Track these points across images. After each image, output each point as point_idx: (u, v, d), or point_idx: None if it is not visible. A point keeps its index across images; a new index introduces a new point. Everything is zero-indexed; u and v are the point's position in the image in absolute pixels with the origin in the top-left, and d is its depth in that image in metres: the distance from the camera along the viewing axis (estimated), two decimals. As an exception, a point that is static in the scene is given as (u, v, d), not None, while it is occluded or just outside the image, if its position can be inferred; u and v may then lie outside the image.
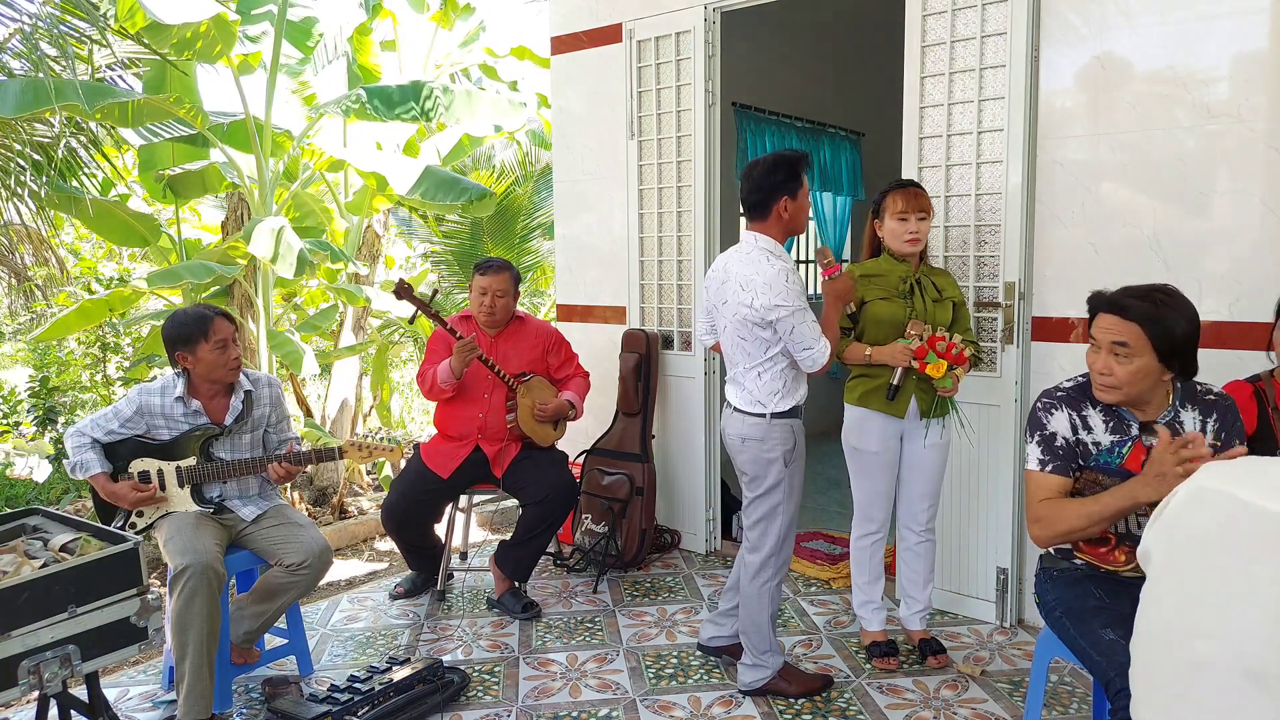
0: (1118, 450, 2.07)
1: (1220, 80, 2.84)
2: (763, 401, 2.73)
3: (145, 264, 7.95)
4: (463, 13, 6.64)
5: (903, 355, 2.82)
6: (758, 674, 2.87)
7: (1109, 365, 2.01)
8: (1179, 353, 1.98)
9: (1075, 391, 2.14)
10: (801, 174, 2.70)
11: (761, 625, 2.84)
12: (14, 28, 3.60)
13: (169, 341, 2.86)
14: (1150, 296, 1.98)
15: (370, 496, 5.30)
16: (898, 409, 2.92)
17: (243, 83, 4.94)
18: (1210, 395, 2.10)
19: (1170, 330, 1.95)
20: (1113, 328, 2.00)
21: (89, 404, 6.70)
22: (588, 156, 4.59)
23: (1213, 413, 2.08)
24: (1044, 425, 2.13)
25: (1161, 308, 1.96)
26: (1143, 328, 1.96)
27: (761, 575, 2.81)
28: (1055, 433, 2.11)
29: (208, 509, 2.87)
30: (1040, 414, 2.15)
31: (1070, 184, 3.13)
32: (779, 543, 2.79)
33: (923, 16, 3.36)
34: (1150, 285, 2.02)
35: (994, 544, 3.35)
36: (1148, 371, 1.99)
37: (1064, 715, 2.76)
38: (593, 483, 4.20)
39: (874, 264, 2.97)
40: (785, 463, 2.74)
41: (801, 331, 2.61)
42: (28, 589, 2.07)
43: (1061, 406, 2.13)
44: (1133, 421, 2.07)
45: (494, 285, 3.58)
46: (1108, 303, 2.03)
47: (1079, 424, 2.11)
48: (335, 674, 3.11)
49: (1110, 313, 2.01)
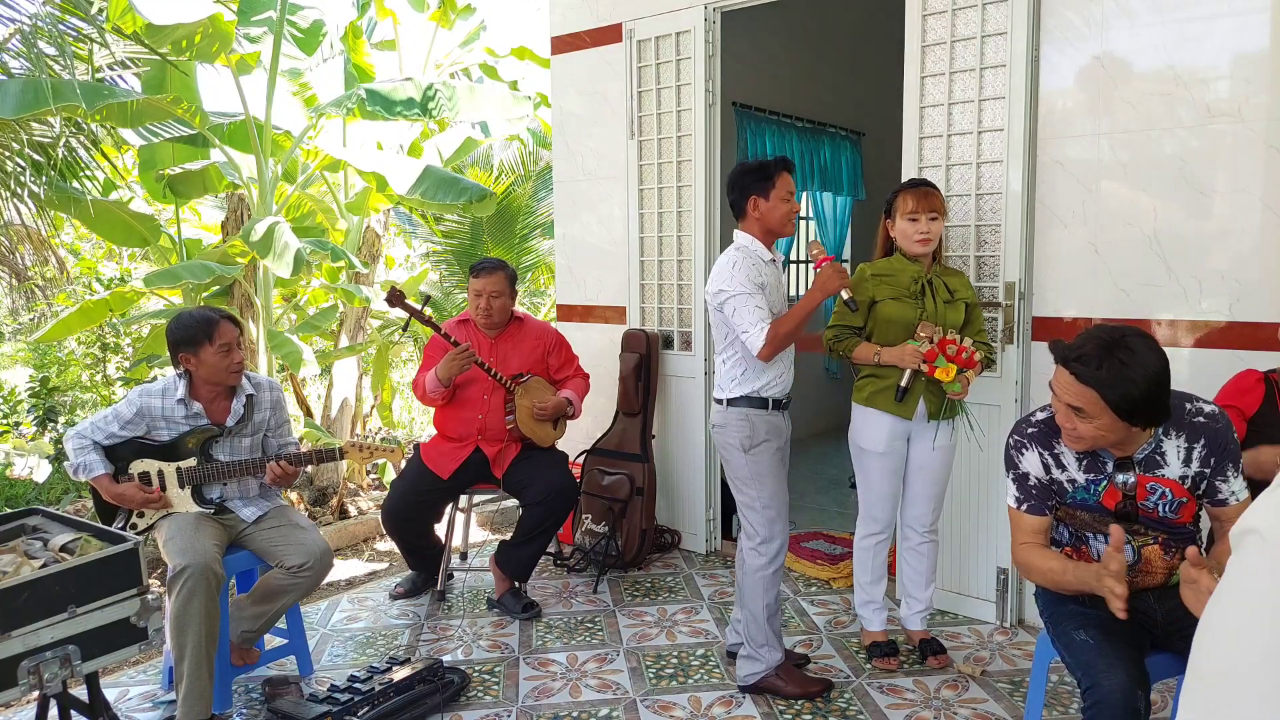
0: (1093, 488, 2.03)
1: (1221, 80, 2.84)
2: (724, 387, 2.85)
3: (145, 264, 7.95)
4: (463, 13, 6.63)
5: (912, 357, 2.80)
6: (753, 667, 2.88)
7: (1071, 421, 1.90)
8: (1140, 411, 1.84)
9: (1046, 426, 2.06)
10: (776, 175, 2.78)
11: (757, 614, 2.85)
12: (14, 27, 3.60)
13: (173, 342, 2.86)
14: (1109, 356, 1.81)
15: (370, 497, 5.30)
16: (906, 410, 2.90)
17: (243, 83, 4.94)
18: (1200, 418, 1.97)
19: (1127, 395, 1.81)
20: (1068, 389, 1.87)
21: (89, 404, 6.70)
22: (588, 156, 4.59)
23: (1200, 437, 1.96)
24: (1016, 465, 2.09)
25: (1117, 369, 1.80)
26: (1098, 393, 1.82)
27: (753, 562, 2.85)
28: (1027, 473, 2.07)
29: (208, 510, 2.87)
30: (1012, 452, 2.10)
31: (1071, 184, 3.13)
32: (766, 529, 2.82)
33: (923, 16, 3.36)
34: (1110, 338, 1.84)
35: (994, 544, 3.35)
36: (1112, 428, 1.87)
37: (1064, 715, 2.76)
38: (593, 483, 4.20)
39: (886, 264, 2.95)
40: (744, 450, 2.79)
41: (740, 315, 2.71)
42: (28, 589, 2.07)
43: (1032, 445, 2.06)
44: (1109, 459, 2.01)
45: (489, 287, 3.58)
46: (1062, 359, 1.89)
47: (1051, 463, 2.05)
48: (335, 674, 3.11)
49: (1065, 369, 1.87)
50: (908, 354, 2.80)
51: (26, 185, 3.79)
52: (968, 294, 2.97)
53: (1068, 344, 1.91)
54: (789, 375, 2.89)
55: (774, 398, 2.83)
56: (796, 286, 6.86)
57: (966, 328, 2.95)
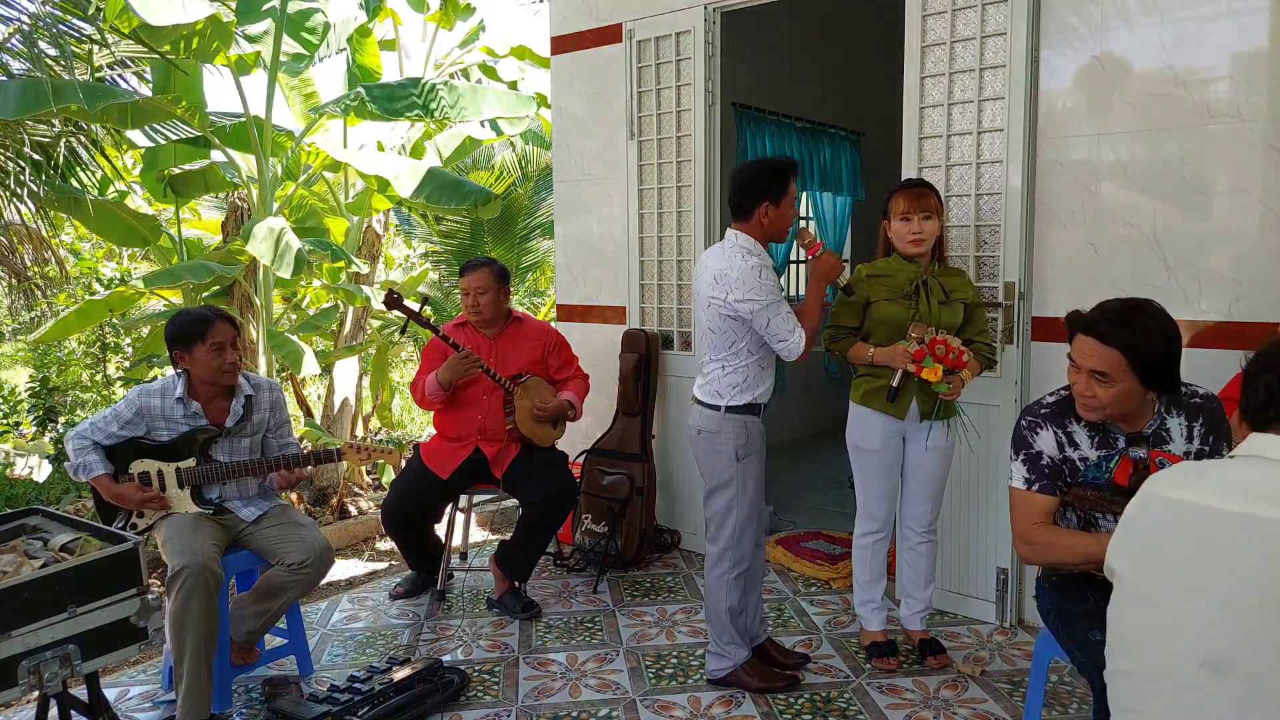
0: (1105, 465, 2.06)
1: (1220, 80, 2.84)
2: (721, 394, 2.79)
3: (145, 264, 7.95)
4: (462, 13, 6.63)
5: (901, 357, 2.81)
6: (720, 663, 2.93)
7: (1091, 388, 1.96)
8: (1160, 374, 1.93)
9: (1059, 407, 2.11)
10: (789, 182, 2.73)
11: (720, 616, 2.87)
12: (14, 27, 3.60)
13: (168, 341, 2.87)
14: (1129, 320, 1.92)
15: (370, 496, 5.30)
16: (898, 410, 2.92)
17: (243, 83, 4.94)
18: (1196, 399, 2.07)
19: (1150, 355, 1.90)
20: (1091, 353, 1.94)
21: (89, 404, 6.70)
22: (588, 156, 4.59)
23: (1199, 416, 2.05)
24: (1029, 444, 2.10)
25: (1139, 332, 1.90)
26: (1123, 354, 1.90)
27: (719, 567, 2.85)
28: (1041, 451, 2.08)
29: (207, 510, 2.87)
30: (1025, 432, 2.12)
31: (1070, 184, 3.13)
32: (734, 536, 2.82)
33: (923, 16, 3.36)
34: (1127, 304, 1.96)
35: (994, 544, 3.35)
36: (1130, 394, 1.94)
37: (1064, 715, 2.76)
38: (593, 483, 4.20)
39: (884, 264, 2.96)
40: (737, 457, 2.78)
41: (776, 324, 2.69)
42: (28, 589, 2.07)
43: (1046, 425, 2.09)
44: (1119, 434, 2.06)
45: (473, 284, 3.57)
46: (1084, 325, 1.98)
47: (1065, 441, 2.08)
48: (335, 674, 3.11)
49: (1089, 336, 1.96)
50: (898, 354, 2.82)
51: (26, 185, 3.80)
52: (967, 294, 2.96)
53: (1086, 313, 2.00)
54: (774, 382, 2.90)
55: (764, 404, 2.84)
56: (797, 287, 6.87)
57: (966, 328, 2.94)
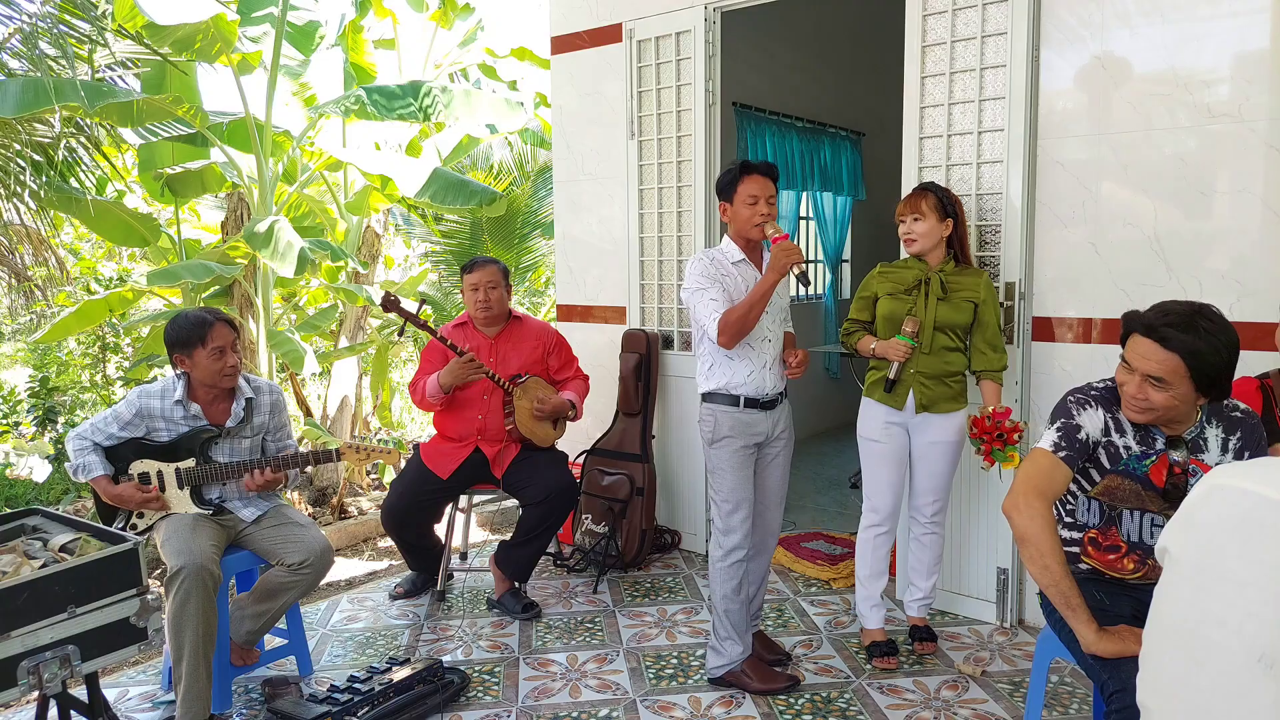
0: (1144, 460, 2.04)
1: (1221, 80, 2.84)
2: (698, 381, 2.94)
3: (145, 264, 7.94)
4: (462, 12, 6.63)
5: (894, 349, 2.94)
6: (717, 660, 2.95)
7: (1145, 391, 1.91)
8: (1217, 382, 1.88)
9: (1110, 393, 2.07)
10: (739, 181, 2.83)
11: (716, 605, 2.91)
12: (14, 27, 3.59)
13: (168, 344, 2.87)
14: (1193, 325, 1.84)
15: (370, 496, 5.30)
16: (895, 401, 3.02)
17: (243, 83, 4.93)
18: (1236, 412, 2.05)
19: (1211, 363, 1.84)
20: (1150, 356, 1.88)
21: (89, 404, 6.70)
22: (588, 156, 4.59)
23: (1237, 430, 2.03)
24: (1072, 417, 2.06)
25: (1204, 338, 1.83)
26: (1183, 359, 1.84)
27: (714, 553, 2.92)
28: (1081, 427, 2.04)
29: (207, 510, 2.87)
30: (1071, 406, 2.07)
31: (1071, 184, 3.13)
32: (723, 521, 2.88)
33: (923, 16, 3.36)
34: (1191, 307, 1.88)
35: (995, 544, 3.35)
36: (1184, 400, 1.90)
37: (1064, 715, 2.76)
38: (593, 483, 4.20)
39: (898, 263, 3.11)
40: (708, 443, 2.89)
41: (699, 310, 2.80)
42: (28, 589, 2.07)
43: (1096, 405, 2.05)
44: (1159, 436, 2.03)
45: (484, 279, 3.58)
46: (1145, 327, 1.90)
47: (1113, 426, 2.04)
48: (335, 674, 3.10)
49: (1149, 338, 1.88)
50: (891, 347, 2.95)
51: (27, 185, 3.79)
52: (978, 294, 2.97)
53: (1144, 313, 1.93)
54: (766, 375, 2.85)
55: (747, 396, 2.84)
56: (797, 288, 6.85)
57: (975, 332, 3.00)
